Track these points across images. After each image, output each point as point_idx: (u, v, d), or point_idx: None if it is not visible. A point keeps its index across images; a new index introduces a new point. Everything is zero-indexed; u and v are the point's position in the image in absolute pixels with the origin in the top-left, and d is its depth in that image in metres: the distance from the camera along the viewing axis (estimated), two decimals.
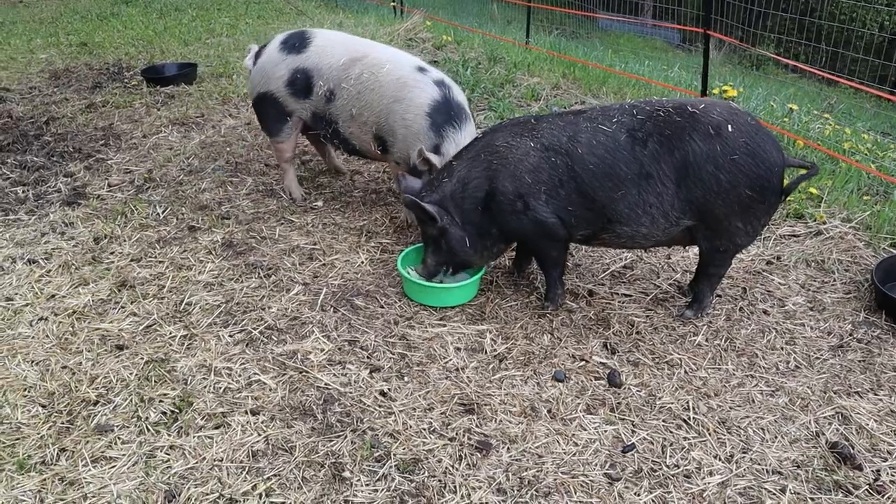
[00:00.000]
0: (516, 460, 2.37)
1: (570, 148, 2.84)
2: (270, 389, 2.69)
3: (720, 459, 2.41)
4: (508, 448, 2.42)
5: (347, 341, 2.97)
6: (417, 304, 3.22)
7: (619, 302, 3.25)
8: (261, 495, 2.25)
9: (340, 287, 3.34)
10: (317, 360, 2.85)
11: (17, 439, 2.47)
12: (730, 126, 2.74)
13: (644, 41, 13.89)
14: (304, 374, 2.77)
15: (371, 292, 3.30)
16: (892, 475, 2.37)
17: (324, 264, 3.53)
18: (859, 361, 2.91)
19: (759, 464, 2.39)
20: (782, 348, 2.97)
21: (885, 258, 3.44)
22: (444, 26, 8.71)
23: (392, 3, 10.34)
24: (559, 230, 2.93)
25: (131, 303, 3.23)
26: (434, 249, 3.18)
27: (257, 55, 3.95)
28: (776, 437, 2.50)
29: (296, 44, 3.81)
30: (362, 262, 3.54)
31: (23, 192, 4.38)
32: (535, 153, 2.88)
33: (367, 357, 2.88)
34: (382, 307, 3.20)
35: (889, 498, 2.27)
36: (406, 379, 2.76)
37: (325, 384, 2.71)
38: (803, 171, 2.91)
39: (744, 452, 2.44)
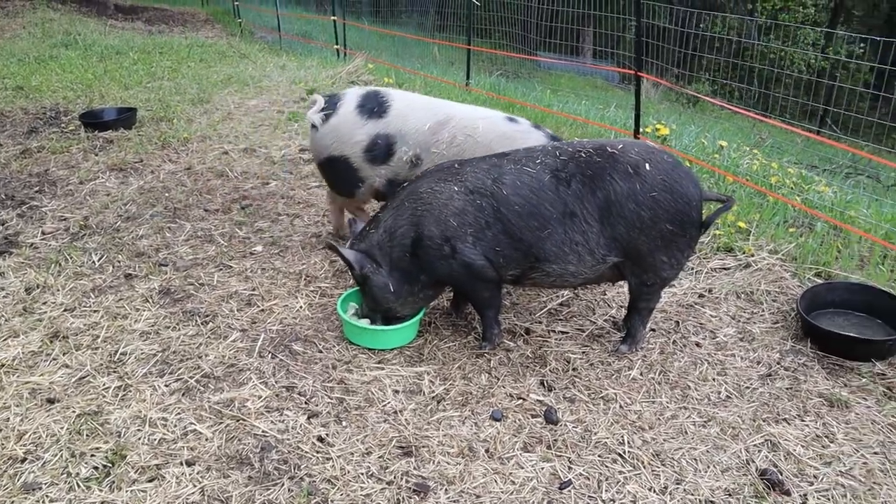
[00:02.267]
0: (454, 501, 2.38)
1: (495, 190, 2.91)
2: (207, 439, 2.65)
3: (654, 491, 2.45)
4: (446, 489, 2.42)
5: (285, 387, 2.95)
6: (356, 347, 3.23)
7: (555, 339, 3.31)
8: None
9: (279, 332, 3.32)
10: (254, 407, 2.82)
11: None
12: (647, 164, 2.86)
13: (584, 80, 14.31)
14: (240, 422, 2.74)
15: (310, 337, 3.29)
16: (819, 499, 2.44)
17: (262, 310, 3.51)
18: (787, 389, 3.01)
19: (692, 494, 2.44)
20: (714, 379, 3.05)
21: (810, 288, 3.58)
22: (387, 69, 8.83)
23: (335, 46, 10.46)
24: (489, 271, 2.99)
25: (63, 354, 3.16)
26: (365, 297, 3.22)
27: (327, 114, 3.73)
28: (708, 467, 2.57)
29: (374, 108, 3.67)
30: (301, 307, 3.54)
31: None
32: (459, 197, 2.94)
33: (305, 403, 2.86)
34: (321, 352, 3.19)
35: None
36: (344, 423, 2.75)
37: (263, 432, 2.69)
38: (721, 205, 3.04)
39: (677, 483, 2.49)
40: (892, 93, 5.07)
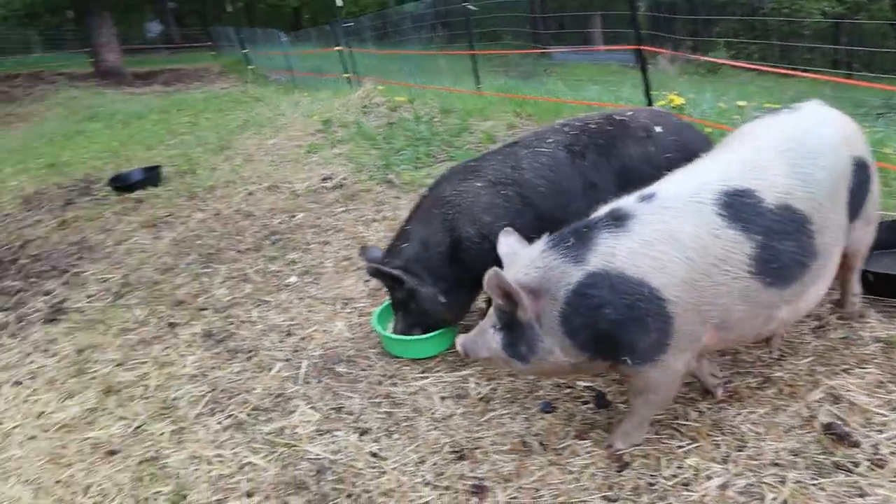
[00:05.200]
0: (513, 498, 2.35)
1: (517, 177, 2.89)
2: (263, 469, 2.67)
3: (717, 461, 2.38)
4: (504, 487, 2.39)
5: (333, 409, 2.96)
6: (398, 361, 3.23)
7: None
8: None
9: (321, 357, 3.34)
10: (305, 432, 2.84)
11: None
12: (658, 127, 2.82)
13: (599, 67, 14.24)
14: (294, 448, 2.76)
15: (352, 357, 3.31)
16: (892, 446, 2.34)
17: (303, 338, 3.54)
18: (841, 339, 2.92)
19: (755, 459, 2.36)
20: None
21: None
22: (398, 88, 8.92)
23: (345, 75, 10.59)
24: None
25: (118, 407, 3.23)
26: (405, 314, 3.19)
27: None
28: (769, 430, 2.48)
29: None
30: (340, 330, 3.56)
31: (4, 316, 4.40)
32: (485, 192, 2.92)
33: (355, 421, 2.87)
34: (364, 370, 3.20)
35: (890, 469, 2.25)
36: (396, 436, 2.75)
37: (316, 455, 2.70)
38: None
39: (739, 450, 2.41)
40: None
